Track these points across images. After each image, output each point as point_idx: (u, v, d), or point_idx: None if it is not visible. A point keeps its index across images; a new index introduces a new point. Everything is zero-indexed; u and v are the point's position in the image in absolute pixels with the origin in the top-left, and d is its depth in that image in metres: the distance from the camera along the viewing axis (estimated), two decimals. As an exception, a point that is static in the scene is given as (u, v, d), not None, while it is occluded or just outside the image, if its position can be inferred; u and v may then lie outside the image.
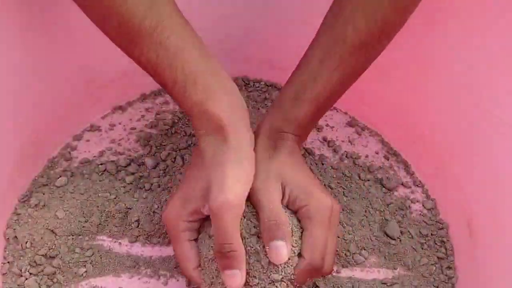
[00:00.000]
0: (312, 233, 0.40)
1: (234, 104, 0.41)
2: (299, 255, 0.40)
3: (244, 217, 0.40)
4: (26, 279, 0.46)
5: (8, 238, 0.48)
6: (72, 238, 0.49)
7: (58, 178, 0.53)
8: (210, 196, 0.38)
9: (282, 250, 0.39)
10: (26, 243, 0.48)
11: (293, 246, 0.40)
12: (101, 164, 0.55)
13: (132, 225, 0.50)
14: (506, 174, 0.46)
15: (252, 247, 0.40)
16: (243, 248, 0.39)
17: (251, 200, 0.41)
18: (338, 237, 0.50)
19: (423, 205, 0.54)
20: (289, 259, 0.39)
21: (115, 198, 0.52)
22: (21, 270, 0.46)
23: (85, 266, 0.48)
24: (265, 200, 0.40)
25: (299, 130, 0.44)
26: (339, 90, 0.44)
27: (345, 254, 0.50)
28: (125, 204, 0.51)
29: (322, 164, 0.56)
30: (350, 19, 0.42)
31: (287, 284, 0.40)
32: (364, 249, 0.50)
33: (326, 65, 0.43)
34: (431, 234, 0.52)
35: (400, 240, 0.51)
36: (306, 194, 0.41)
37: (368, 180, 0.55)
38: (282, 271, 0.39)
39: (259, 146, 0.43)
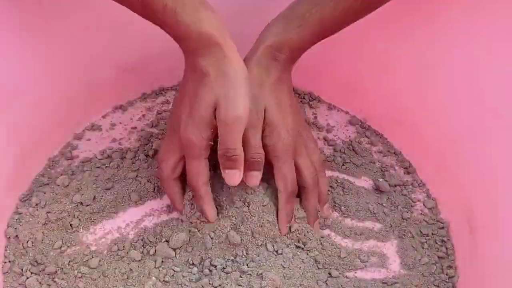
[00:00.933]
0: (281, 169, 0.47)
1: (220, 22, 0.44)
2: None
3: None
4: (27, 278, 0.46)
5: (9, 237, 0.49)
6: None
7: (59, 177, 0.53)
8: (223, 110, 0.42)
9: (257, 179, 0.46)
10: (27, 242, 0.48)
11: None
12: (103, 164, 0.55)
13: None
14: (506, 173, 0.46)
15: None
16: (243, 152, 0.44)
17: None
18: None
19: (423, 205, 0.54)
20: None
21: (116, 196, 0.52)
22: (22, 269, 0.47)
23: (85, 265, 0.48)
24: (251, 135, 0.45)
25: (297, 52, 0.47)
26: (347, 13, 0.46)
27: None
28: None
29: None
30: None
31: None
32: (365, 249, 0.50)
33: None
34: (432, 234, 0.52)
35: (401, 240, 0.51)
36: (274, 134, 0.46)
37: (369, 179, 0.55)
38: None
39: (254, 65, 0.46)
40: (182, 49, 0.45)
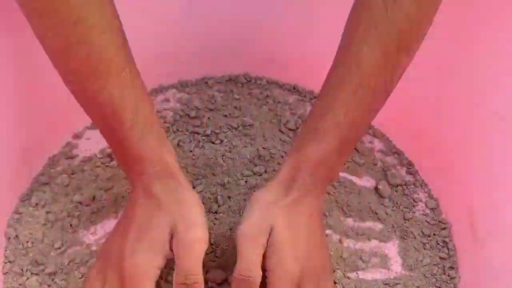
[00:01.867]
0: None
1: (175, 154, 0.43)
2: None
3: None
4: (28, 278, 0.46)
5: (9, 238, 0.48)
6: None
7: (59, 176, 0.53)
8: (182, 232, 0.39)
9: None
10: (27, 242, 0.48)
11: None
12: (103, 163, 0.55)
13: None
14: (509, 174, 0.46)
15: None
16: (203, 280, 0.40)
17: (235, 239, 0.41)
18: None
19: (425, 205, 0.54)
20: None
21: (117, 196, 0.52)
22: (22, 270, 0.46)
23: (85, 265, 0.47)
24: (245, 249, 0.40)
25: (319, 169, 0.41)
26: (362, 116, 0.41)
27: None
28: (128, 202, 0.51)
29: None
30: (363, 39, 0.38)
31: None
32: (366, 249, 0.50)
33: (343, 90, 0.40)
34: (434, 234, 0.51)
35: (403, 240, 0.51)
36: (275, 257, 0.40)
37: (371, 179, 0.55)
38: None
39: (274, 185, 0.42)
40: (131, 174, 0.42)
